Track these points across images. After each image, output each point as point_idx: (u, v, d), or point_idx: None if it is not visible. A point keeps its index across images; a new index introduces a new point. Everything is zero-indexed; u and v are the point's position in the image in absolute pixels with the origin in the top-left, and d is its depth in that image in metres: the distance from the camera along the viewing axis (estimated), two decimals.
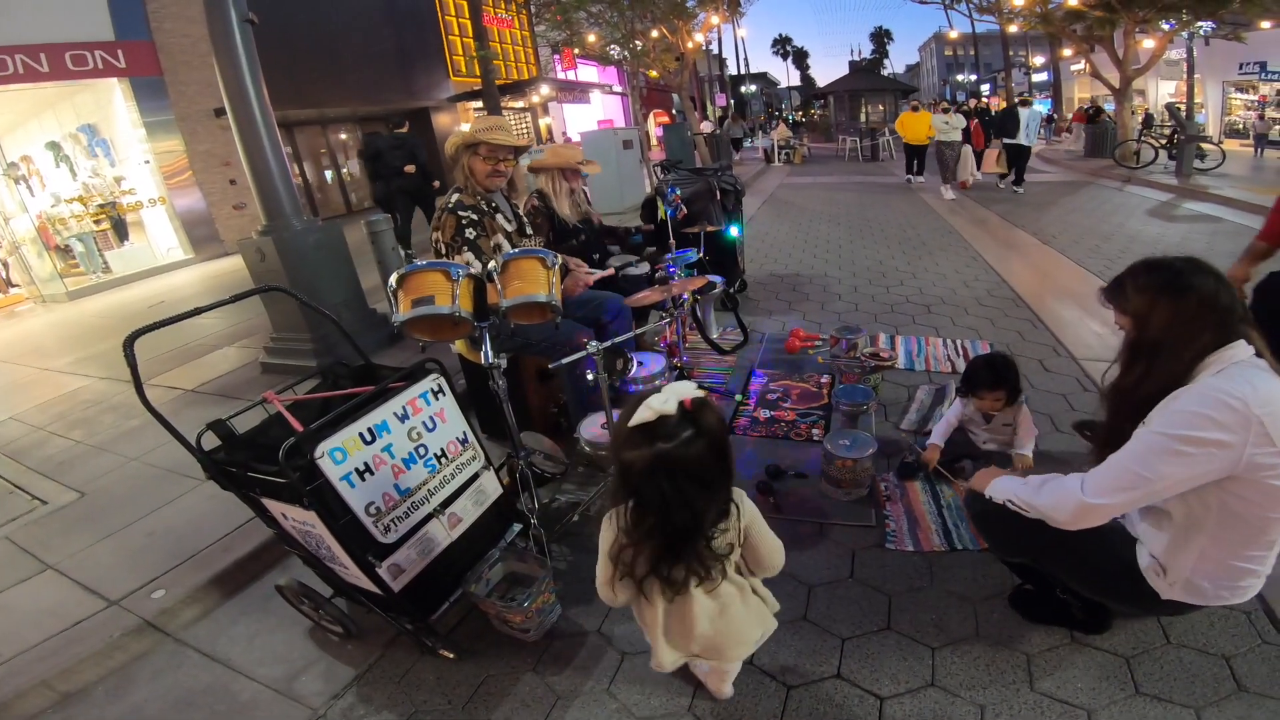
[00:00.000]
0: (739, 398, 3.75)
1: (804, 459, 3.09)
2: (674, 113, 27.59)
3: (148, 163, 11.23)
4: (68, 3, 9.91)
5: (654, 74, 18.97)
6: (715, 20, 19.85)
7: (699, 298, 4.25)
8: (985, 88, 38.14)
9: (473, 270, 2.30)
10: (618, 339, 2.47)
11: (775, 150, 20.84)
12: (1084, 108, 17.79)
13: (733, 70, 40.82)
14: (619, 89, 25.16)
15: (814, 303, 5.59)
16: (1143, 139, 13.14)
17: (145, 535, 2.95)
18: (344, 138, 17.43)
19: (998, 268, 6.23)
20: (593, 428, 2.71)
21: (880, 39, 71.76)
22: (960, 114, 12.72)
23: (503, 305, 2.28)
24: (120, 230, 11.31)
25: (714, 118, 22.67)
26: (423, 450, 2.10)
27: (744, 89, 45.43)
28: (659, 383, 3.13)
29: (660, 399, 1.42)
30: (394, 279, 2.20)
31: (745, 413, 3.61)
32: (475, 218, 2.88)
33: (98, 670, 2.28)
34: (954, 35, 35.50)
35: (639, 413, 1.42)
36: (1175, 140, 12.25)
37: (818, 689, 1.93)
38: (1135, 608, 1.87)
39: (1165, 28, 13.20)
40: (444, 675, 2.12)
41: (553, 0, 17.81)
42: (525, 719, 1.95)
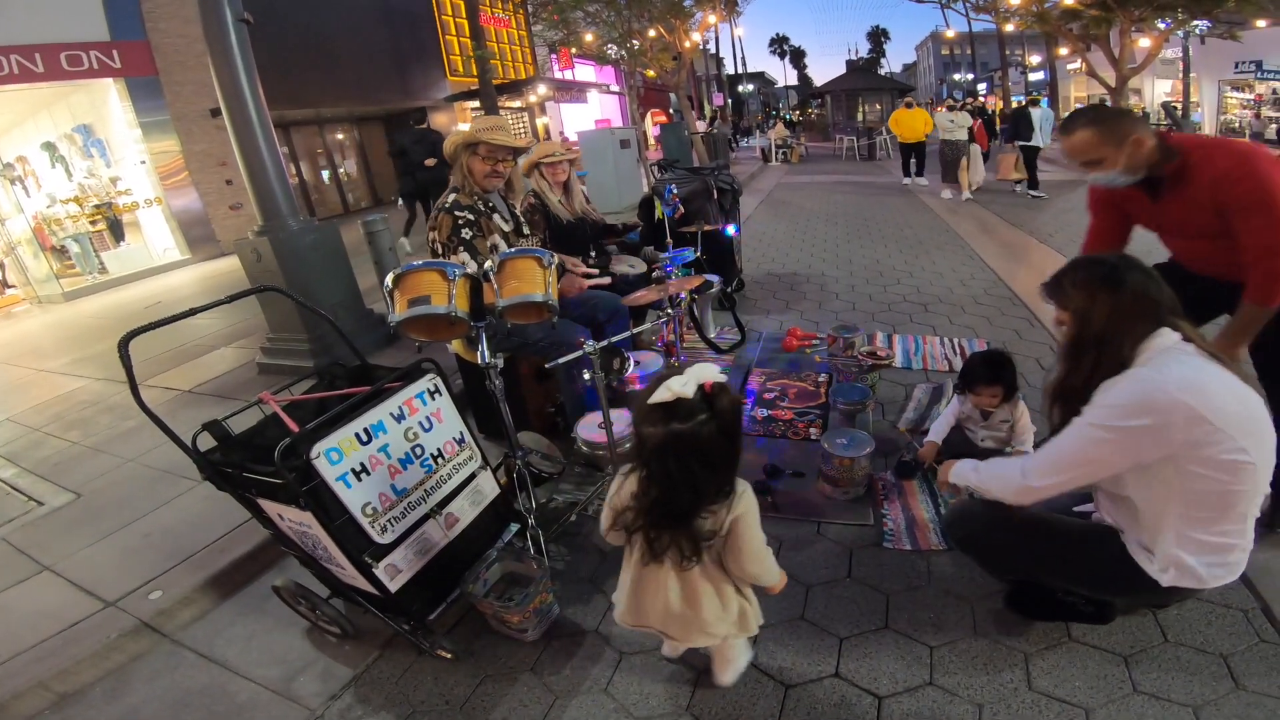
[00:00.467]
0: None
1: (801, 458, 3.09)
2: (671, 112, 27.58)
3: (143, 163, 11.20)
4: (63, 3, 9.88)
5: (651, 73, 18.94)
6: (712, 19, 19.78)
7: (696, 297, 4.25)
8: (982, 87, 38.20)
9: (469, 270, 2.30)
10: (615, 338, 2.46)
11: (773, 149, 20.84)
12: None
13: (730, 70, 40.86)
14: (616, 88, 25.14)
15: (811, 302, 5.59)
16: None
17: (142, 536, 2.94)
18: (340, 138, 17.40)
19: (995, 266, 6.23)
20: (590, 427, 2.70)
21: (877, 38, 71.84)
22: (966, 112, 12.18)
23: (499, 305, 2.28)
24: (116, 231, 11.28)
25: (705, 117, 22.69)
26: (419, 450, 2.10)
27: (741, 88, 45.48)
28: None
29: (680, 381, 1.45)
30: (390, 279, 2.20)
31: (743, 412, 3.60)
32: (472, 218, 2.88)
33: (95, 671, 2.27)
34: (951, 35, 35.60)
35: (658, 392, 1.46)
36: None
37: (816, 688, 1.93)
38: (1140, 599, 1.87)
39: (1161, 26, 13.22)
40: (442, 675, 2.11)
41: (549, 0, 17.79)
42: (523, 719, 1.94)
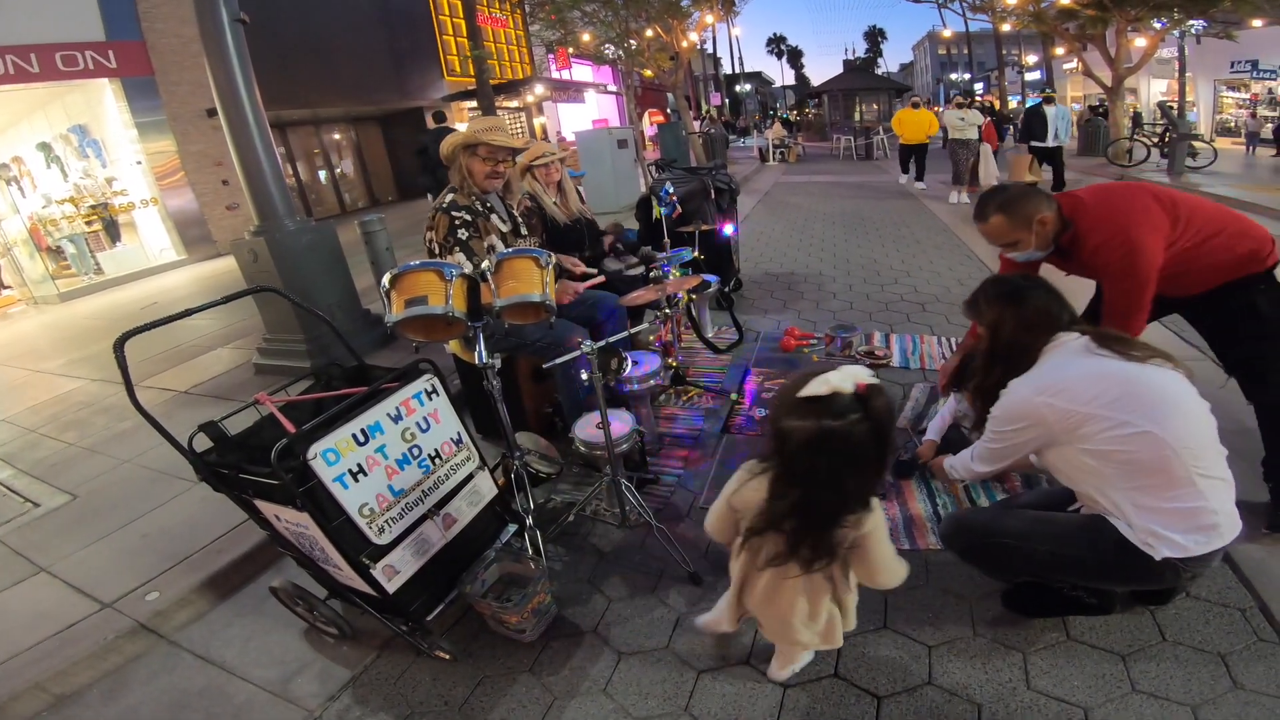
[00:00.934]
0: (734, 397, 3.75)
1: None
2: (669, 112, 27.57)
3: (139, 163, 11.18)
4: (58, 3, 9.87)
5: (649, 73, 18.94)
6: (710, 19, 19.79)
7: (694, 297, 4.25)
8: (979, 86, 38.25)
9: (466, 270, 2.29)
10: (612, 338, 2.46)
11: (770, 149, 20.84)
12: (1093, 105, 17.72)
13: (728, 69, 40.87)
14: (613, 88, 25.14)
15: (809, 301, 5.60)
16: (1135, 137, 13.18)
17: (138, 537, 2.93)
18: (337, 137, 17.40)
19: (992, 266, 6.23)
20: (587, 428, 2.70)
21: (874, 38, 71.96)
22: (977, 110, 11.52)
23: (497, 305, 2.27)
24: (112, 231, 11.26)
25: (701, 117, 22.70)
26: (416, 451, 2.09)
27: (739, 88, 45.49)
28: (654, 382, 3.13)
29: (838, 376, 1.41)
30: (387, 279, 2.19)
31: (741, 412, 3.60)
32: (469, 218, 2.87)
33: (92, 673, 2.26)
34: (948, 34, 35.59)
35: (811, 385, 1.42)
36: (1167, 138, 12.29)
37: (815, 689, 1.93)
38: (1141, 581, 1.89)
39: (1157, 26, 13.23)
40: (440, 676, 2.11)
41: (547, 0, 17.77)
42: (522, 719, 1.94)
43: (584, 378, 2.40)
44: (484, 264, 2.32)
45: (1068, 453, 1.76)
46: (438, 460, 2.16)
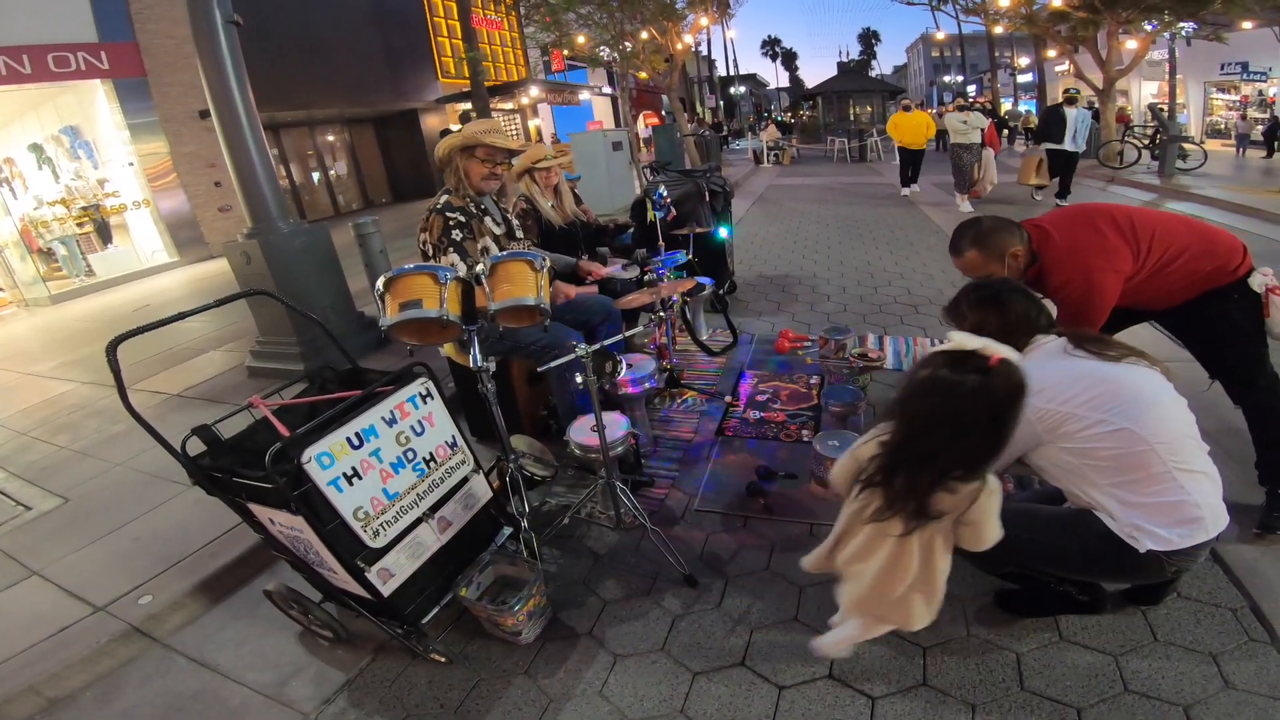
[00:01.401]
0: (729, 399, 3.76)
1: (794, 460, 3.10)
2: (664, 114, 27.61)
3: (131, 165, 11.13)
4: (51, 4, 9.82)
5: (643, 75, 18.99)
6: (704, 22, 19.86)
7: (688, 300, 4.26)
8: (971, 88, 38.42)
9: (460, 273, 2.29)
10: (607, 341, 2.46)
11: (765, 151, 20.89)
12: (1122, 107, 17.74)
13: (722, 71, 40.94)
14: (608, 90, 25.16)
15: (803, 304, 5.61)
16: (1126, 139, 13.26)
17: (131, 541, 2.92)
18: (331, 139, 17.37)
19: None
20: (582, 431, 2.70)
21: (868, 40, 72.05)
22: (979, 112, 10.96)
23: (491, 308, 2.27)
24: (103, 233, 11.21)
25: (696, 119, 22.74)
26: (411, 454, 2.09)
27: (733, 90, 45.56)
28: (649, 385, 3.14)
29: (977, 341, 1.46)
30: (381, 282, 2.19)
31: (735, 414, 3.61)
32: (463, 220, 2.87)
33: (85, 676, 2.26)
34: (941, 36, 35.71)
35: (952, 340, 1.49)
36: (1158, 140, 12.36)
37: (809, 689, 1.93)
38: (1128, 575, 1.91)
39: (1148, 28, 13.33)
40: (436, 679, 2.11)
41: (542, 1, 17.80)
42: None
43: (579, 381, 2.40)
44: (478, 267, 2.33)
45: (1050, 452, 1.80)
46: (432, 463, 2.16)
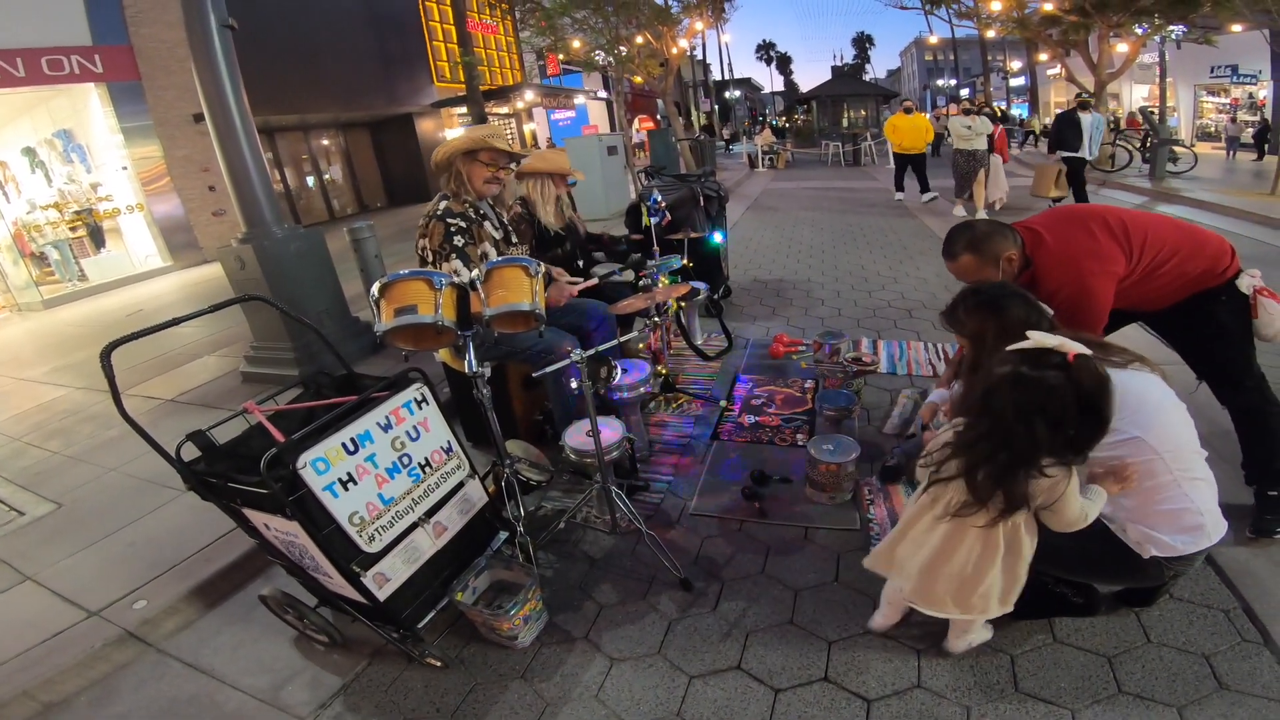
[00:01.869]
0: (723, 404, 3.76)
1: (789, 464, 3.11)
2: (659, 118, 27.67)
3: (125, 169, 11.09)
4: (44, 7, 9.78)
5: (638, 80, 19.03)
6: (700, 26, 19.92)
7: (683, 304, 4.27)
8: (964, 92, 38.61)
9: (458, 279, 2.30)
10: (602, 347, 2.47)
11: (759, 155, 20.94)
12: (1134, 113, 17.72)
13: (717, 76, 41.05)
14: (604, 95, 25.20)
15: (797, 308, 5.63)
16: (1116, 142, 13.34)
17: (125, 546, 2.91)
18: (326, 143, 17.34)
19: None
20: (578, 435, 2.70)
21: (862, 44, 72.28)
22: (985, 116, 10.16)
23: (486, 314, 2.27)
24: (96, 237, 11.14)
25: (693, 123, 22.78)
26: (406, 459, 2.09)
27: (728, 94, 45.67)
28: (644, 390, 3.14)
29: (1053, 339, 1.50)
30: (376, 288, 2.19)
31: (730, 418, 3.62)
32: (464, 225, 2.87)
33: (79, 681, 2.25)
34: (934, 40, 35.89)
35: (1033, 340, 1.52)
36: (1148, 144, 12.44)
37: (805, 692, 1.94)
38: (1126, 578, 1.92)
39: (1139, 32, 13.43)
40: (432, 683, 2.11)
41: (537, 6, 17.83)
42: None
43: (574, 386, 2.40)
44: (474, 272, 2.33)
45: None
46: (428, 468, 2.16)
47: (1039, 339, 1.51)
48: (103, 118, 10.87)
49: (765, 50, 74.80)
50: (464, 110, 16.29)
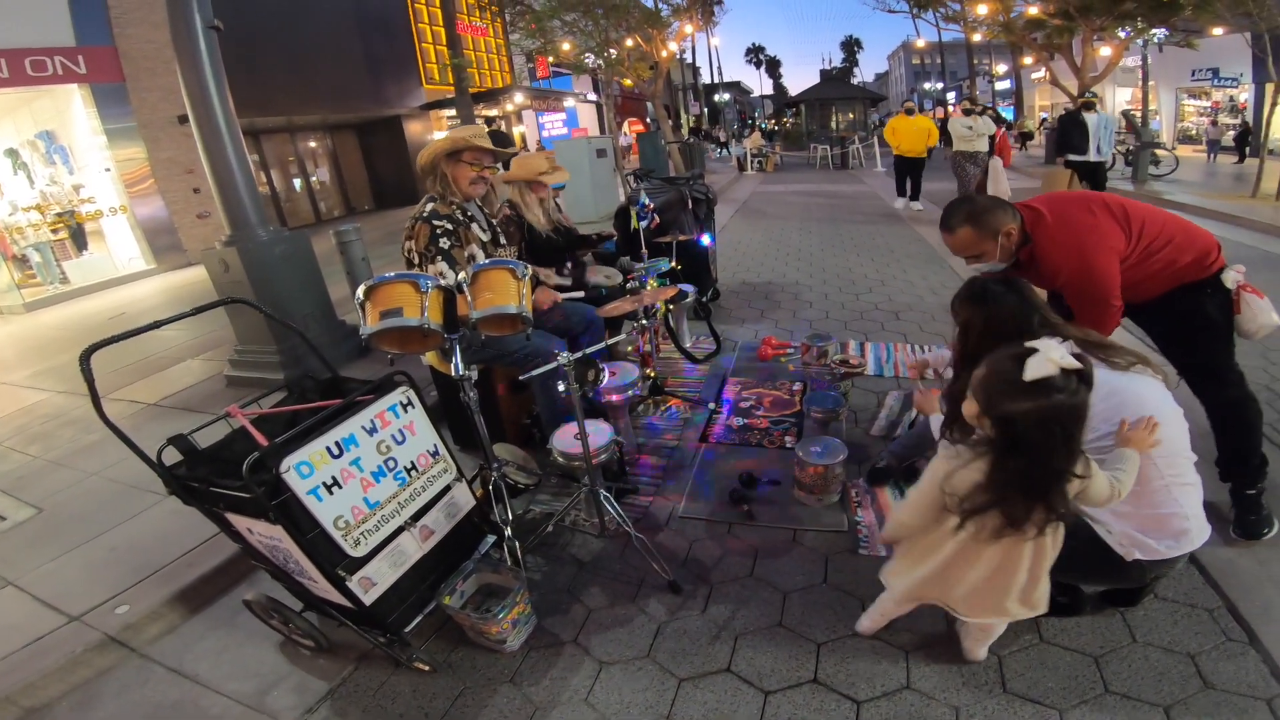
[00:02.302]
0: (712, 406, 3.76)
1: (777, 466, 3.11)
2: (648, 121, 27.71)
3: (108, 170, 10.97)
4: (28, 7, 9.66)
5: (628, 83, 19.03)
6: (689, 29, 19.95)
7: (671, 307, 4.27)
8: (951, 95, 38.90)
9: (443, 282, 2.29)
10: (590, 350, 2.46)
11: (748, 158, 21.00)
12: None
13: (707, 79, 41.14)
14: (593, 97, 25.21)
15: (785, 310, 5.64)
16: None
17: (107, 551, 2.88)
18: (313, 145, 17.23)
19: (963, 274, 6.31)
20: (566, 439, 2.69)
21: (851, 48, 72.69)
22: (988, 117, 9.71)
23: (473, 317, 2.26)
24: (79, 239, 11.00)
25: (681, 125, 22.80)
26: (392, 463, 2.08)
27: (718, 97, 45.79)
28: (633, 393, 3.13)
29: (1057, 352, 1.44)
30: (361, 291, 2.18)
31: (718, 421, 3.62)
32: (450, 227, 2.85)
33: (61, 686, 2.22)
34: (921, 44, 36.14)
35: (1036, 367, 1.43)
36: (1130, 146, 12.55)
37: (795, 694, 1.94)
38: (1108, 579, 1.94)
39: (1121, 35, 13.56)
40: (420, 688, 2.09)
41: (527, 8, 17.81)
42: None
43: (561, 389, 2.39)
44: (460, 275, 2.32)
45: None
46: (414, 472, 2.15)
47: (1044, 365, 1.44)
48: (86, 119, 10.75)
49: (755, 53, 75.03)
50: (453, 112, 16.25)
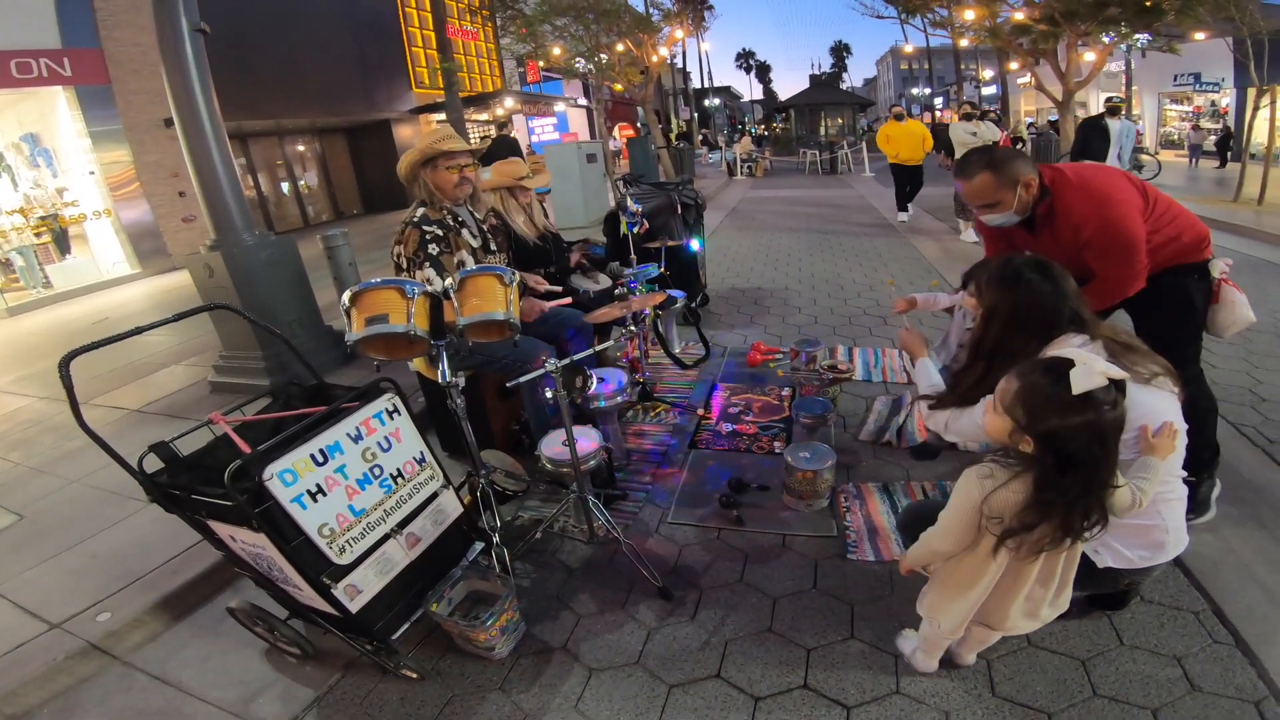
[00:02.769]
0: (701, 412, 3.76)
1: (766, 472, 3.11)
2: (638, 126, 27.74)
3: (93, 173, 10.86)
4: (13, 9, 9.55)
5: (619, 87, 19.04)
6: (680, 34, 20.00)
7: (660, 313, 4.26)
8: (938, 101, 39.23)
9: (430, 287, 2.27)
10: (578, 356, 2.45)
11: (738, 163, 21.06)
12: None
13: (697, 84, 41.29)
14: (583, 102, 25.21)
15: (774, 316, 5.65)
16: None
17: (88, 558, 2.84)
18: (301, 149, 17.13)
19: (950, 279, 6.36)
20: (554, 445, 2.68)
21: (840, 53, 73.14)
22: (990, 121, 9.34)
23: (460, 323, 2.25)
24: (62, 243, 10.89)
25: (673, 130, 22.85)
26: (378, 470, 2.06)
27: (708, 102, 45.95)
28: (621, 399, 3.12)
29: (1101, 363, 1.44)
30: (347, 297, 2.16)
31: (707, 427, 3.62)
32: (440, 233, 2.83)
33: (42, 693, 2.19)
34: (909, 50, 36.43)
35: (1083, 379, 1.42)
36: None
37: (785, 699, 1.93)
38: (1082, 585, 1.93)
39: (1105, 40, 13.70)
40: (408, 695, 2.07)
41: (518, 13, 17.80)
42: None
43: (549, 395, 2.38)
44: (447, 281, 2.30)
45: None
46: (400, 479, 2.13)
47: (1091, 377, 1.42)
48: (71, 122, 10.65)
49: (745, 58, 75.40)
50: (443, 117, 16.20)
